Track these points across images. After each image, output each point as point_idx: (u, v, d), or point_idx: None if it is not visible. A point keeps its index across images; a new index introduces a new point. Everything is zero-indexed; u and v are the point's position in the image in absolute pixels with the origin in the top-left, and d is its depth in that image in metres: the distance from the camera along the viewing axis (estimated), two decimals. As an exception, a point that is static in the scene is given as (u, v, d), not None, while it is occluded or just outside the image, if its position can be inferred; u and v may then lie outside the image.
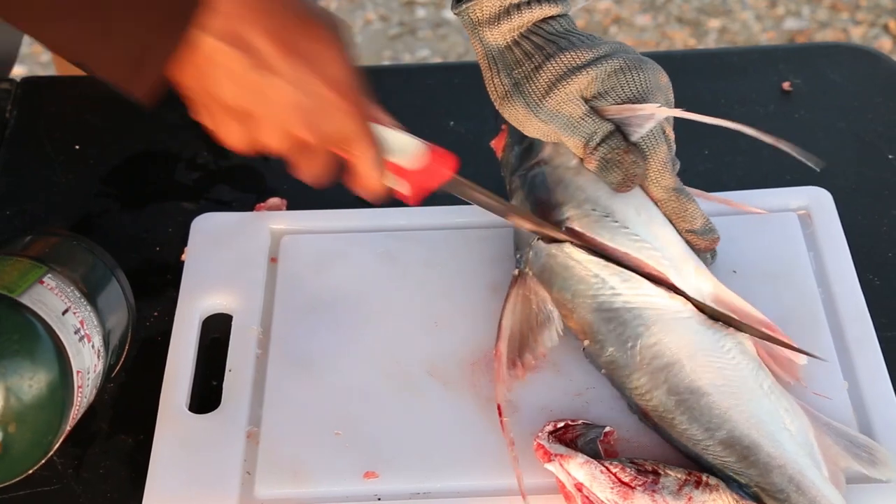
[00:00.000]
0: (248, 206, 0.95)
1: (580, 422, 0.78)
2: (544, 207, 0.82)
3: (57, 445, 0.75)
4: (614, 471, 0.73)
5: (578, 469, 0.73)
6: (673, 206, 0.82)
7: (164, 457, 0.79)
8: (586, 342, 0.80)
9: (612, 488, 0.73)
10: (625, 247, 0.80)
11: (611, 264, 0.79)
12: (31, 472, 0.74)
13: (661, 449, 0.78)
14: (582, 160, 0.82)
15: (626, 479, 0.73)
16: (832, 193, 0.93)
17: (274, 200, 0.95)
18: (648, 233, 0.80)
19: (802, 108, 1.04)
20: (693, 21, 2.41)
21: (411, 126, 1.04)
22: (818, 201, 0.92)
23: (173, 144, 1.03)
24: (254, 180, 1.00)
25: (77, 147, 1.03)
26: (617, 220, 0.80)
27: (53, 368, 0.73)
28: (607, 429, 0.78)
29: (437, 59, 2.37)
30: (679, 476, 0.73)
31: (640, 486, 0.72)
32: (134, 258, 0.92)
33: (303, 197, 0.97)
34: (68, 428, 0.76)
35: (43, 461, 0.74)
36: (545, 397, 0.80)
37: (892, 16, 2.42)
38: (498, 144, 0.89)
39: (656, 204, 0.82)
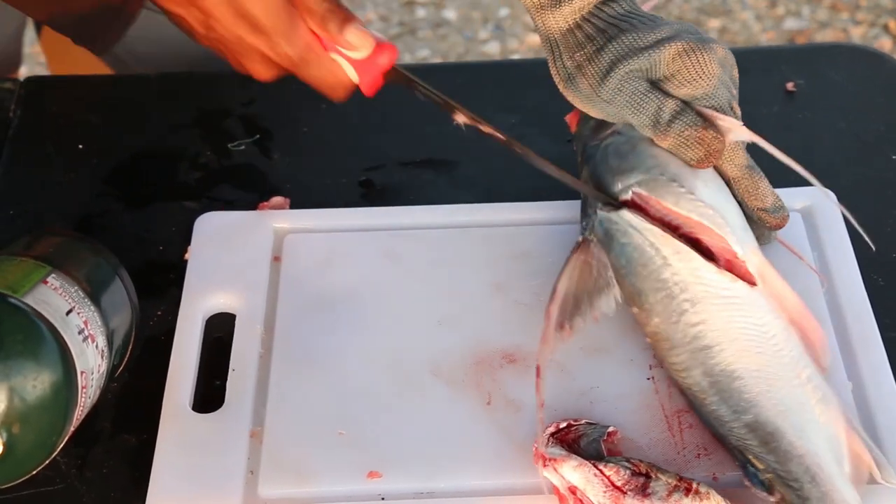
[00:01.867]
0: (251, 205, 0.95)
1: (583, 421, 0.78)
2: (614, 174, 0.82)
3: (61, 446, 0.75)
4: (608, 473, 0.73)
5: (573, 472, 0.73)
6: (746, 184, 0.82)
7: (168, 456, 0.78)
8: (634, 309, 0.80)
9: (604, 492, 0.73)
10: (688, 211, 0.79)
11: (667, 234, 0.79)
12: (34, 472, 0.74)
13: (662, 448, 0.78)
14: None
15: (619, 484, 0.73)
16: (835, 193, 0.93)
17: (277, 199, 0.95)
18: (714, 202, 0.80)
19: (805, 108, 1.04)
20: (693, 21, 2.41)
21: (412, 125, 1.04)
22: (821, 201, 0.92)
23: (176, 144, 1.03)
24: (257, 179, 1.00)
25: (80, 147, 1.03)
26: (684, 186, 0.80)
27: (57, 369, 0.73)
28: (611, 428, 0.78)
29: (437, 59, 2.37)
30: (669, 481, 0.73)
31: (630, 490, 0.72)
32: (137, 258, 0.92)
33: (306, 195, 0.97)
34: (72, 428, 0.75)
35: (47, 462, 0.74)
36: (549, 396, 0.80)
37: (892, 16, 2.42)
38: (573, 119, 0.89)
39: (729, 182, 0.82)
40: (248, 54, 0.81)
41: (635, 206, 0.81)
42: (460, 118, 0.84)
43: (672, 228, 0.79)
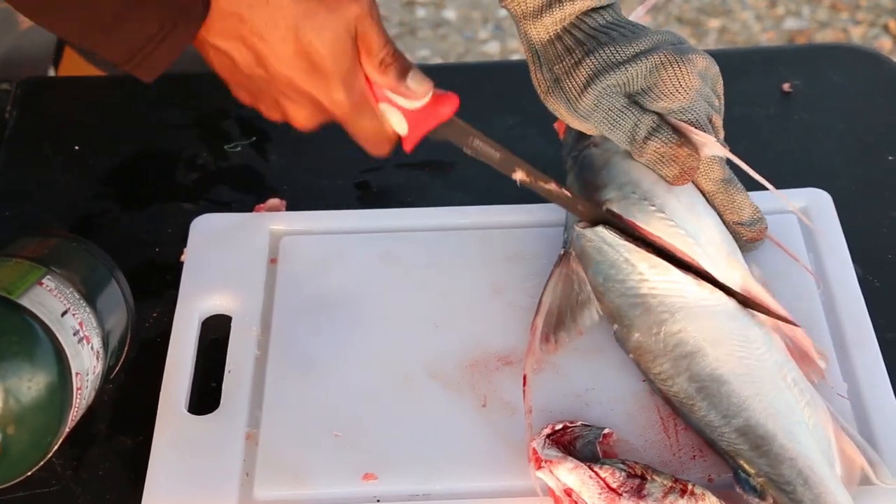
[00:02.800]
0: (247, 207, 0.95)
1: (579, 423, 0.78)
2: (589, 188, 0.83)
3: (56, 447, 0.75)
4: (603, 475, 0.73)
5: (568, 474, 0.73)
6: (721, 198, 0.82)
7: (163, 458, 0.78)
8: (615, 326, 0.81)
9: (600, 494, 0.73)
10: (659, 231, 0.80)
11: (641, 250, 0.79)
12: (29, 473, 0.74)
13: (657, 450, 0.78)
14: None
15: (615, 485, 0.73)
16: (832, 194, 0.93)
17: (273, 201, 0.95)
18: (685, 220, 0.80)
19: (803, 109, 1.04)
20: (693, 21, 2.41)
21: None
22: (818, 203, 0.92)
23: (173, 145, 1.03)
24: (253, 181, 1.00)
25: (76, 148, 1.03)
26: (655, 205, 0.81)
27: (52, 370, 0.73)
28: (606, 430, 0.78)
29: (437, 60, 2.37)
30: (665, 483, 0.73)
31: (626, 492, 0.72)
32: (133, 259, 0.92)
33: (303, 197, 0.97)
34: (67, 429, 0.75)
35: (42, 463, 0.74)
36: (544, 399, 0.80)
37: (892, 16, 2.41)
38: (560, 126, 0.90)
39: (705, 195, 0.82)
40: (295, 99, 0.77)
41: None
42: (519, 175, 0.82)
43: (647, 243, 0.80)
